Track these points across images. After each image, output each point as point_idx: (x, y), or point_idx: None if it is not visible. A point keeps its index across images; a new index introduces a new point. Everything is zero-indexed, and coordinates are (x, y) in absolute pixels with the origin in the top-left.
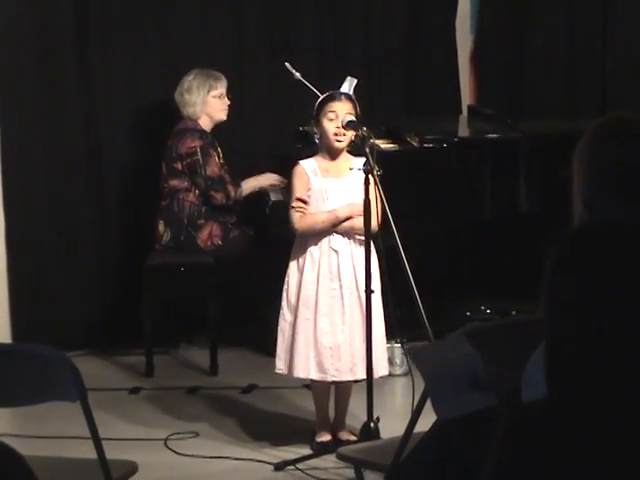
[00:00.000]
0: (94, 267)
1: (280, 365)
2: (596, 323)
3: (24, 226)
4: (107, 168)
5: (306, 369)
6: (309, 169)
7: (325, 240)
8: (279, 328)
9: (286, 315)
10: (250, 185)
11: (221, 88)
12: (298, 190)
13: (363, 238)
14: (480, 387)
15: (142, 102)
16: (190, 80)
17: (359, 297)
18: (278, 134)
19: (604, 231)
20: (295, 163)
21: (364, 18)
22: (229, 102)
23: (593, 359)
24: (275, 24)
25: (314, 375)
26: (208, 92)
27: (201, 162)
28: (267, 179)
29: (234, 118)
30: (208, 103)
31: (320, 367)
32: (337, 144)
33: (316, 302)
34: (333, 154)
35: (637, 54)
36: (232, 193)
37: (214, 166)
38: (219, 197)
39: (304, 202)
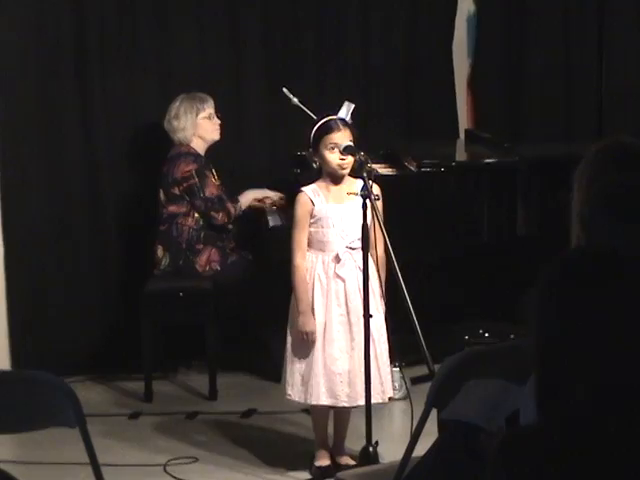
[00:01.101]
0: (93, 292)
1: (289, 391)
2: (584, 347)
3: (23, 252)
4: (105, 192)
5: (317, 395)
6: (312, 195)
7: (331, 267)
8: (286, 354)
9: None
10: (248, 198)
11: (209, 109)
12: (301, 222)
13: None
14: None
15: (140, 125)
16: (177, 106)
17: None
18: (276, 158)
19: (596, 256)
20: (298, 190)
21: (362, 41)
22: (220, 121)
23: (582, 383)
24: (273, 48)
25: (325, 401)
26: (197, 115)
27: (198, 185)
28: (264, 192)
29: (232, 142)
30: (199, 126)
31: (331, 393)
32: (342, 171)
33: (325, 328)
34: (336, 181)
35: (634, 74)
36: (232, 210)
37: (212, 187)
38: (220, 217)
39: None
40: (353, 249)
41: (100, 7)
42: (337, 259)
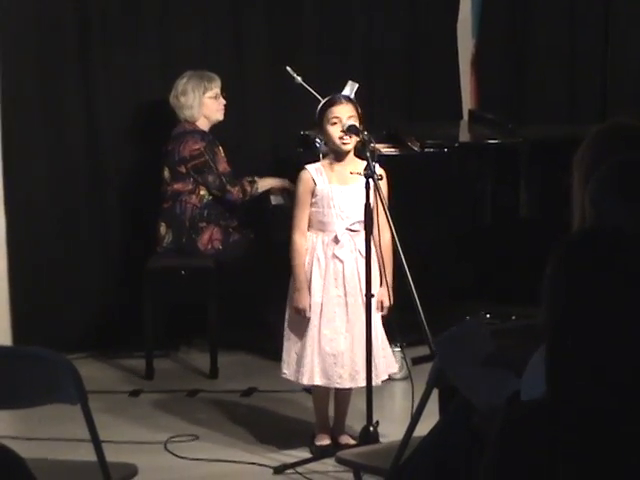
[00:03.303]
0: (95, 269)
1: (286, 369)
2: (588, 328)
3: (25, 228)
4: (108, 170)
5: (311, 375)
6: (315, 173)
7: (330, 247)
8: (285, 332)
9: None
10: (267, 183)
11: (216, 88)
12: (302, 199)
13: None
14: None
15: (143, 104)
16: (184, 83)
17: (363, 305)
18: (280, 138)
19: (603, 235)
20: (302, 167)
21: (365, 22)
22: (224, 102)
23: (590, 363)
24: (276, 28)
25: (318, 381)
26: (203, 94)
27: (210, 161)
28: (284, 183)
29: (235, 122)
30: (204, 104)
31: (324, 373)
32: (344, 147)
33: (321, 309)
34: (340, 157)
35: (639, 56)
36: (248, 188)
37: (223, 163)
38: (235, 191)
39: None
40: (353, 231)
41: None
42: (336, 240)
